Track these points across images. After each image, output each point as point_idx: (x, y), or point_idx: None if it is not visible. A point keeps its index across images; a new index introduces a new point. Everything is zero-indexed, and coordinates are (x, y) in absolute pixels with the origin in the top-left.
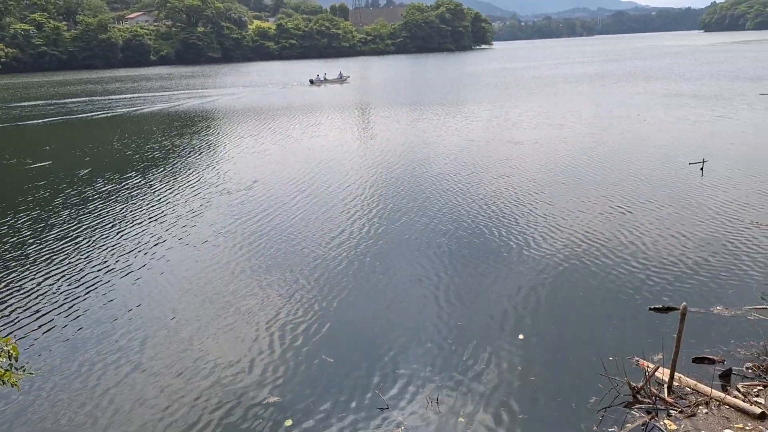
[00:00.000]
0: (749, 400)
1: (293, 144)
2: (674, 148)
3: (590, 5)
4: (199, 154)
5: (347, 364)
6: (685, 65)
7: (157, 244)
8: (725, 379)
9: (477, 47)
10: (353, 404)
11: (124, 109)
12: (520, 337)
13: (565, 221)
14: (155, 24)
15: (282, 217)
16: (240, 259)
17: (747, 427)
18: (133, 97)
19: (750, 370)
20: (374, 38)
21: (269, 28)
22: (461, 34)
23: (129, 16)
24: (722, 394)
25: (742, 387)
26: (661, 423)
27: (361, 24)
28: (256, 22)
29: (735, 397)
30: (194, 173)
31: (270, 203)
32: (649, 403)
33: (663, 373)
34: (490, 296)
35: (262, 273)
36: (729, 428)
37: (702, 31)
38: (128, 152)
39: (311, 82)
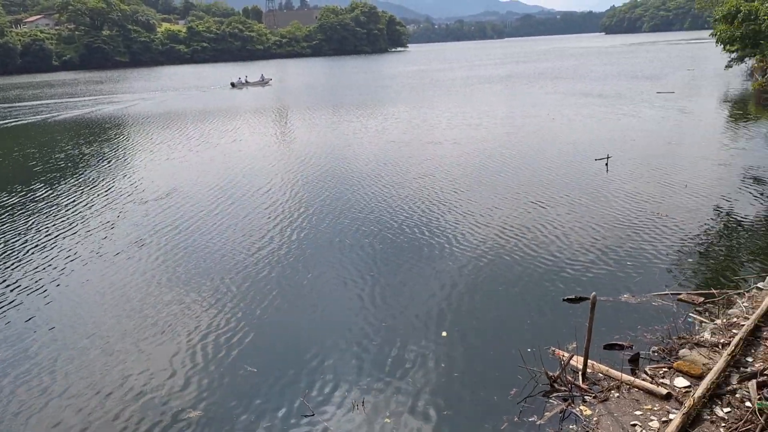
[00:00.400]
0: (656, 382)
1: (211, 150)
2: (582, 145)
3: (499, 9)
4: (111, 163)
5: (273, 373)
6: (589, 66)
7: (69, 259)
8: (634, 363)
9: (393, 50)
10: (278, 413)
11: (26, 119)
12: (444, 334)
13: (484, 218)
14: (56, 28)
15: (202, 226)
16: (160, 270)
17: (655, 408)
18: (36, 105)
19: (656, 353)
20: (289, 41)
21: (179, 31)
22: (377, 37)
23: (27, 20)
24: (632, 378)
25: (650, 370)
26: (577, 409)
27: (275, 26)
28: (165, 25)
29: (643, 380)
30: (106, 183)
31: (189, 211)
32: (565, 390)
33: (577, 361)
34: (414, 295)
35: (185, 284)
36: (639, 410)
37: (603, 33)
38: (32, 163)
39: (232, 85)
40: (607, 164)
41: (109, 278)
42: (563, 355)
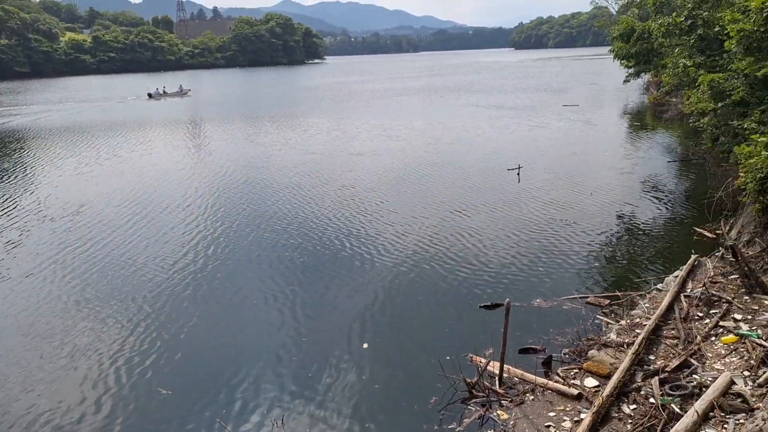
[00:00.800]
0: (568, 383)
1: (123, 163)
2: (495, 155)
3: (414, 23)
4: (14, 179)
5: (190, 394)
6: (501, 79)
7: None
8: (547, 366)
9: (310, 62)
10: None
11: None
12: (365, 346)
13: (404, 228)
14: None
15: (117, 243)
16: (70, 291)
17: (567, 408)
18: None
19: (567, 355)
20: (202, 51)
21: (84, 41)
22: (293, 49)
23: None
24: (545, 381)
25: (562, 371)
26: (495, 414)
27: (186, 37)
28: (69, 35)
29: (556, 381)
30: (8, 200)
31: (102, 228)
32: (483, 396)
33: (494, 367)
34: (336, 307)
35: (99, 304)
36: (552, 411)
37: (512, 48)
38: None
39: (150, 96)
40: (518, 174)
41: (15, 301)
42: (480, 362)
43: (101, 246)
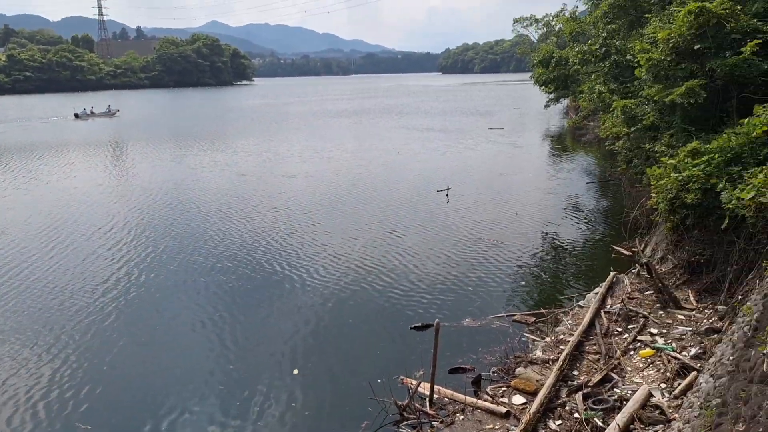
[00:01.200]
0: (497, 402)
1: (43, 187)
2: (425, 177)
3: (343, 47)
4: None
5: (113, 429)
6: (430, 102)
7: None
8: (477, 385)
9: (238, 83)
10: None
11: None
12: (295, 371)
13: (335, 250)
14: None
15: (35, 271)
16: None
17: (496, 427)
18: None
19: (495, 374)
20: (125, 71)
21: None
22: (221, 70)
23: None
24: (474, 400)
25: (491, 390)
26: None
27: (109, 56)
28: None
29: (485, 400)
30: None
31: (18, 255)
32: (414, 418)
33: (425, 388)
34: (267, 333)
35: (15, 334)
36: (482, 430)
37: (440, 72)
38: None
39: (76, 116)
40: (447, 195)
41: None
42: (411, 383)
43: (19, 274)
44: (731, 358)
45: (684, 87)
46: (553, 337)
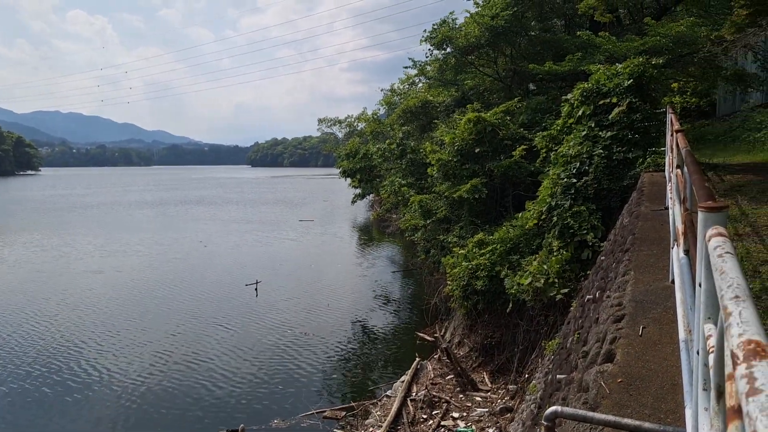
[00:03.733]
0: None
1: None
2: (234, 270)
3: (145, 137)
4: None
5: None
6: (238, 195)
7: None
8: None
9: (21, 173)
10: None
11: None
12: None
13: (135, 351)
14: None
15: None
16: None
17: None
18: None
19: None
20: None
21: None
22: (1, 159)
23: None
24: None
25: None
26: None
27: None
28: None
29: None
30: None
31: None
32: None
33: None
34: None
35: None
36: None
37: (250, 166)
38: None
39: None
40: (256, 289)
41: None
42: None
43: None
44: None
45: (469, 184)
46: (362, 431)
